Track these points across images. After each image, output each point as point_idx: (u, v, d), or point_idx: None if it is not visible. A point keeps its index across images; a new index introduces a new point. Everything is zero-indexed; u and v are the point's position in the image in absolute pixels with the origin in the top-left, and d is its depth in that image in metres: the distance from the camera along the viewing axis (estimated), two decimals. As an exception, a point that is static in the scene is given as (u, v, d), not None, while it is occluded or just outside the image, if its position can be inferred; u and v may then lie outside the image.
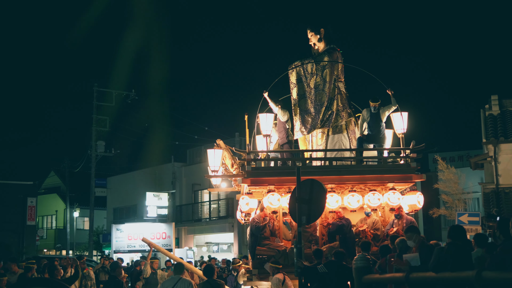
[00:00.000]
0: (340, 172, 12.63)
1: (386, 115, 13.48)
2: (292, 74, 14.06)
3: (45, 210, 52.44)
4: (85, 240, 44.48)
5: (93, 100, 38.02)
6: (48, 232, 52.89)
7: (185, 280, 10.35)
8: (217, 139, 13.58)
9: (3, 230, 38.25)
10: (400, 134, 13.31)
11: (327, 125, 13.72)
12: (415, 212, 13.32)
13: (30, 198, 40.55)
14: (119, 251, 33.12)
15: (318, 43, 14.34)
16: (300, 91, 13.97)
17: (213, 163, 13.39)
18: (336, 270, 9.98)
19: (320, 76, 13.78)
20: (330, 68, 13.77)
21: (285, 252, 12.51)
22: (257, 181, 12.74)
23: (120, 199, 44.32)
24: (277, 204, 12.56)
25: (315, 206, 10.26)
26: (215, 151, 13.38)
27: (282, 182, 12.83)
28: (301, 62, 14.03)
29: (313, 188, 10.36)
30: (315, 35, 14.32)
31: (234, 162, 13.43)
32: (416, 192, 13.19)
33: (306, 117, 13.83)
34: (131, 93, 39.01)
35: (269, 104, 13.78)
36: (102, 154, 38.76)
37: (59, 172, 52.02)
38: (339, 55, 14.10)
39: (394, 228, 12.57)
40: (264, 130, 13.45)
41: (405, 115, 13.26)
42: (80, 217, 49.98)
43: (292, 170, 12.93)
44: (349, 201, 12.58)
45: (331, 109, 13.69)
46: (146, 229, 30.95)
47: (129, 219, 40.40)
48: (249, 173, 12.67)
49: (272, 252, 12.51)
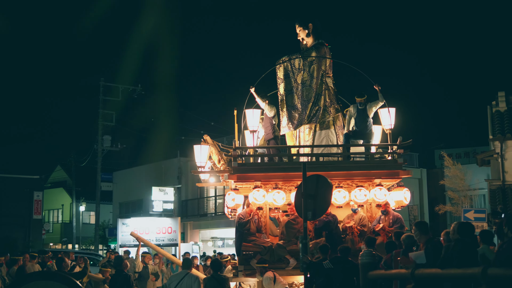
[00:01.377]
0: (327, 168, 12.50)
1: (373, 111, 13.41)
2: (279, 70, 14.00)
3: (51, 204, 52.60)
4: (91, 234, 44.61)
5: (100, 94, 38.09)
6: (54, 226, 53.07)
7: (192, 275, 10.40)
8: (204, 135, 13.55)
9: (9, 224, 38.43)
10: (388, 130, 13.24)
11: (314, 121, 13.67)
12: (401, 208, 13.30)
13: (36, 192, 40.72)
14: (125, 245, 33.09)
15: (307, 38, 14.26)
16: (287, 87, 13.91)
17: (200, 159, 13.41)
18: (342, 266, 9.99)
19: (307, 72, 13.71)
20: (318, 64, 13.70)
21: (271, 248, 12.47)
22: (243, 177, 12.69)
23: (126, 193, 44.39)
24: (263, 200, 12.50)
25: (321, 201, 10.26)
26: (201, 147, 13.39)
27: (269, 178, 12.76)
28: (288, 57, 13.97)
29: (319, 183, 10.35)
30: (303, 30, 14.24)
31: (221, 158, 13.39)
32: (403, 188, 13.14)
33: (293, 112, 13.78)
34: (138, 88, 39.06)
35: (256, 99, 13.73)
36: (108, 149, 38.84)
37: (66, 166, 52.13)
38: (327, 50, 14.01)
39: (380, 224, 12.56)
40: (251, 126, 13.40)
41: (392, 111, 13.17)
42: (86, 211, 50.13)
43: (278, 166, 12.96)
44: (335, 197, 12.47)
45: (318, 104, 13.63)
46: (152, 224, 30.94)
47: (135, 214, 40.44)
48: (235, 169, 12.64)
49: (258, 248, 12.48)
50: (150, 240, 27.55)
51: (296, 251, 12.35)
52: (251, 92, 13.58)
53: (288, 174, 12.72)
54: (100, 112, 38.09)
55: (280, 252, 12.41)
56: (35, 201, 40.56)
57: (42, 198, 41.43)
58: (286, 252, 12.44)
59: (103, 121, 38.18)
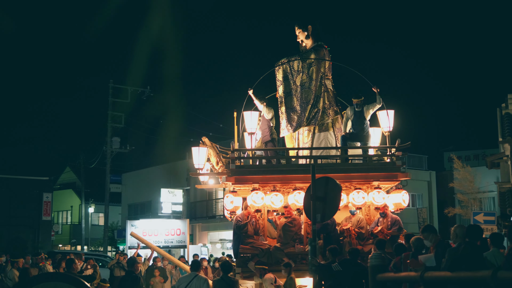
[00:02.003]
0: (325, 170, 12.33)
1: (370, 113, 13.32)
2: (278, 72, 13.96)
3: (60, 205, 52.75)
4: (100, 236, 44.72)
5: (109, 96, 38.17)
6: (63, 227, 53.24)
7: (201, 277, 10.40)
8: (203, 137, 13.51)
9: (19, 225, 38.61)
10: (386, 132, 13.15)
11: (313, 123, 13.63)
12: (400, 211, 13.22)
13: (45, 193, 40.89)
14: (134, 247, 33.15)
15: (306, 40, 14.22)
16: (286, 89, 13.87)
17: (197, 161, 13.39)
18: (351, 269, 9.97)
19: (306, 74, 13.67)
20: (317, 66, 13.66)
21: (269, 251, 12.42)
22: (241, 180, 12.63)
23: (135, 195, 44.48)
24: (261, 202, 12.45)
25: (330, 203, 10.23)
26: (199, 149, 13.36)
27: (267, 181, 12.71)
28: (287, 59, 13.94)
29: (328, 185, 10.33)
30: (302, 32, 14.20)
31: (219, 160, 13.35)
32: (402, 190, 13.10)
33: (292, 115, 13.74)
34: (146, 90, 39.10)
35: (254, 101, 13.71)
36: (117, 150, 38.89)
37: (75, 168, 52.26)
38: (326, 52, 13.97)
39: (378, 227, 12.50)
40: (249, 128, 13.33)
41: (391, 113, 13.08)
42: (95, 212, 50.24)
43: (276, 169, 12.90)
44: None
45: (317, 107, 13.59)
46: (160, 226, 30.95)
47: (143, 215, 40.51)
48: (233, 171, 12.61)
49: (256, 251, 12.44)
50: (159, 242, 27.62)
51: (293, 254, 12.37)
52: (249, 94, 13.56)
53: (286, 177, 12.68)
54: (109, 114, 38.16)
55: (278, 255, 12.36)
56: (44, 202, 40.71)
57: (51, 199, 41.58)
58: (284, 254, 12.39)
59: (112, 122, 38.24)
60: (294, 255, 12.37)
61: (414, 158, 38.71)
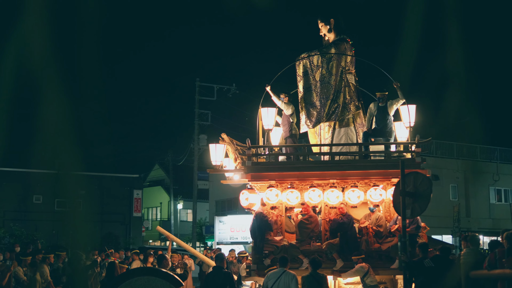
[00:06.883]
0: (342, 167, 12.18)
1: (394, 108, 12.87)
2: (299, 67, 13.71)
3: (150, 202, 54.04)
4: (188, 232, 45.50)
5: (195, 94, 38.76)
6: (153, 223, 54.48)
7: (289, 273, 10.39)
8: (222, 133, 13.42)
9: (111, 221, 39.86)
10: (408, 128, 12.65)
11: (333, 119, 13.33)
12: None
13: (136, 190, 42.04)
14: (222, 242, 33.65)
15: (328, 34, 13.91)
16: (306, 84, 13.61)
17: (215, 158, 13.30)
18: (444, 265, 9.79)
19: (326, 69, 13.37)
20: (337, 60, 13.34)
21: (284, 248, 12.25)
22: (257, 176, 12.50)
23: (222, 191, 44.96)
24: (275, 199, 12.29)
25: (420, 198, 10.06)
26: (216, 146, 13.26)
27: (283, 177, 12.52)
28: (307, 54, 13.66)
29: (417, 180, 10.14)
30: (325, 25, 13.92)
31: (237, 156, 13.22)
32: None
33: (311, 110, 13.48)
34: (232, 87, 39.49)
35: (272, 98, 13.49)
36: (204, 147, 39.46)
37: (163, 165, 53.38)
38: (347, 46, 13.60)
39: (396, 225, 12.12)
40: (266, 124, 13.20)
41: (412, 108, 12.55)
42: (184, 209, 51.17)
43: (293, 165, 12.69)
44: (349, 197, 12.17)
45: (337, 102, 13.27)
46: (248, 222, 31.34)
47: (231, 212, 40.93)
48: (249, 168, 12.48)
49: (271, 248, 12.35)
50: (246, 237, 27.87)
51: (309, 251, 12.18)
52: (266, 91, 13.39)
53: (303, 173, 12.45)
54: (196, 112, 38.75)
55: (293, 252, 12.18)
56: (135, 199, 41.86)
57: (142, 196, 42.68)
58: (299, 252, 12.22)
59: (199, 120, 38.83)
60: (310, 252, 12.12)
61: (507, 152, 37.57)
